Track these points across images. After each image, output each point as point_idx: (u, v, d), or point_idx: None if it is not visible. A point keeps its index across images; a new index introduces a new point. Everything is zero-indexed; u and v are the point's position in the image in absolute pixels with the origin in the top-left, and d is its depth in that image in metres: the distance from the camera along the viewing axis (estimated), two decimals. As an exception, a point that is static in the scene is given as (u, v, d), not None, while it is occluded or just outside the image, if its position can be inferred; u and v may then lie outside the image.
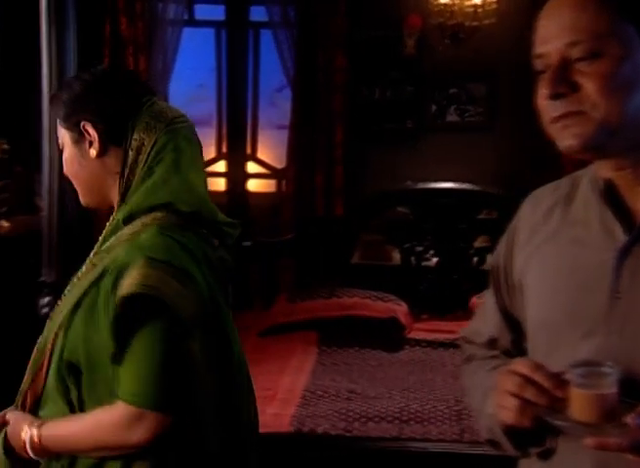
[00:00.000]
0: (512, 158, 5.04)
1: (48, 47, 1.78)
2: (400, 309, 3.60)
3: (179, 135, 1.53)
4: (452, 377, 3.11)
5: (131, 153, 1.48)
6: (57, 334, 1.46)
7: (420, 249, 3.99)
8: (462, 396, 2.85)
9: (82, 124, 1.49)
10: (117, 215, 1.49)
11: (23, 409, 1.51)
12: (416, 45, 5.03)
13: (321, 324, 3.58)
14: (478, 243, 4.10)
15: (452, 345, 3.47)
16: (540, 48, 1.15)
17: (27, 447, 1.45)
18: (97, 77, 1.53)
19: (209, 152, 5.77)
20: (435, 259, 4.06)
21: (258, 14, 5.19)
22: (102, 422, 1.41)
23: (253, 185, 5.44)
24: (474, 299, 3.70)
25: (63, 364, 1.43)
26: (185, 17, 5.40)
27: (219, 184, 5.76)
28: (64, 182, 1.86)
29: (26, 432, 1.45)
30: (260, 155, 5.62)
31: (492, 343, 1.33)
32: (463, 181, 4.36)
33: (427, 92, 5.13)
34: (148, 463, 1.41)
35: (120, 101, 1.50)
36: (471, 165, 5.02)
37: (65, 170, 1.57)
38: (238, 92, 4.08)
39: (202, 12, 5.56)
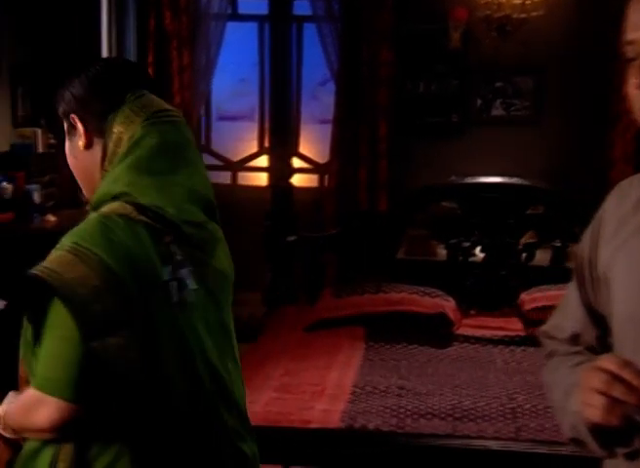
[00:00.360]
0: (559, 153, 4.97)
1: (108, 39, 1.76)
2: (448, 305, 3.55)
3: (158, 128, 1.49)
4: (503, 374, 3.06)
5: (110, 145, 1.48)
6: None
7: (467, 244, 3.93)
8: (515, 393, 2.82)
9: (71, 117, 1.53)
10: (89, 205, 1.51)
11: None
12: (461, 38, 4.97)
13: (368, 319, 3.54)
14: (526, 238, 4.04)
15: (501, 342, 3.42)
16: (630, 34, 1.10)
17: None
18: (87, 70, 1.54)
19: (251, 147, 5.78)
20: (482, 255, 3.99)
21: (301, 8, 5.16)
22: (18, 403, 1.42)
23: (294, 180, 5.43)
24: (523, 296, 3.64)
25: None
26: (229, 11, 5.41)
27: (260, 179, 5.77)
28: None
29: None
30: (302, 150, 5.61)
31: (575, 339, 1.29)
32: (508, 176, 4.28)
33: (473, 85, 5.08)
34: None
35: (104, 94, 1.51)
36: (517, 160, 4.96)
37: (68, 162, 1.60)
38: (282, 86, 4.04)
39: (245, 6, 5.55)
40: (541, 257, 4.01)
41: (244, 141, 5.81)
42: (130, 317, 1.35)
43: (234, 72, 5.72)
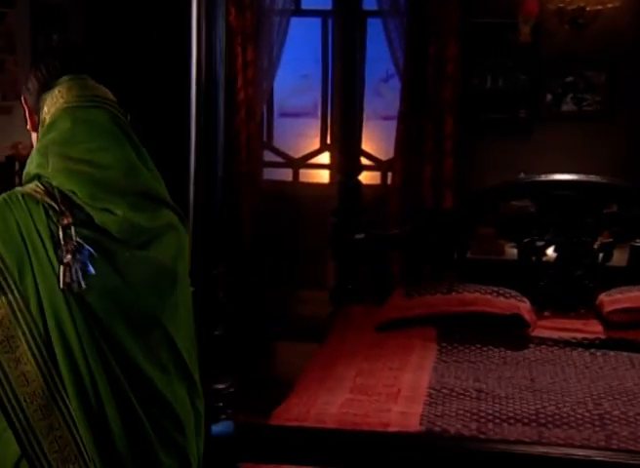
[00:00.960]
0: (633, 150, 4.81)
1: (197, 34, 1.72)
2: (523, 306, 3.45)
3: (79, 113, 1.49)
4: (585, 379, 2.96)
5: (40, 128, 1.53)
6: None
7: (540, 243, 3.82)
8: (601, 399, 2.72)
9: (22, 97, 1.59)
10: None
11: None
12: (531, 32, 4.84)
13: (440, 319, 3.47)
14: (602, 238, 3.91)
15: (580, 345, 3.31)
16: None
17: None
18: (40, 52, 1.58)
19: (312, 144, 5.72)
20: (553, 255, 3.88)
21: (366, 2, 5.09)
22: None
23: (356, 177, 5.37)
24: (602, 297, 3.52)
25: None
26: (292, 6, 5.36)
27: (322, 176, 5.71)
28: (212, 173, 1.80)
29: None
30: (364, 146, 5.53)
31: None
32: (578, 174, 4.15)
33: (542, 80, 4.94)
34: None
35: (39, 74, 1.54)
36: (588, 157, 4.81)
37: None
38: (350, 81, 3.98)
39: (309, 1, 5.50)
40: (618, 258, 3.89)
41: (306, 138, 5.76)
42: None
43: (296, 68, 5.67)
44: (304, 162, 5.72)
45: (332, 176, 5.58)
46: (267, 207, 5.50)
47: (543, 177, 3.74)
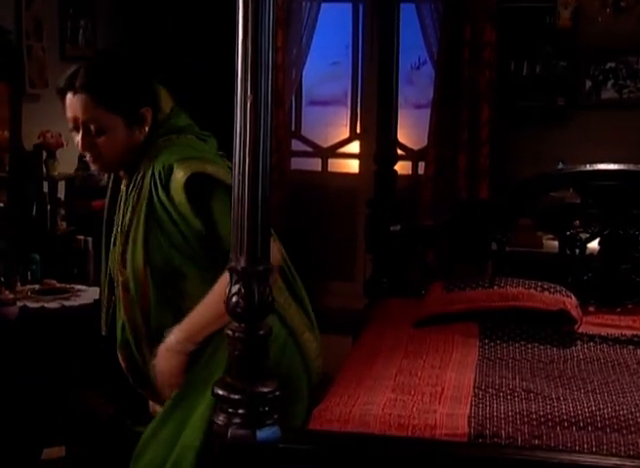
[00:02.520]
0: (677, 138, 4.65)
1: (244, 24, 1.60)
2: (569, 301, 3.30)
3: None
4: None
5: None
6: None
7: (585, 236, 3.66)
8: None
9: (143, 110, 2.01)
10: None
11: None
12: (571, 16, 4.67)
13: (482, 315, 3.32)
14: None
15: (630, 342, 3.15)
16: None
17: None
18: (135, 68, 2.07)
19: (342, 133, 5.59)
20: (597, 248, 3.72)
21: (398, -13, 4.93)
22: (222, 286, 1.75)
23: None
24: (653, 292, 3.37)
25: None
26: (323, -8, 5.22)
27: (351, 166, 5.58)
28: (257, 164, 1.67)
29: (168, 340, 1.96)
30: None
31: None
32: (620, 164, 3.99)
33: (581, 66, 4.78)
34: None
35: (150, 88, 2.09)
36: (629, 146, 4.65)
37: (106, 149, 2.00)
38: (388, 68, 3.84)
39: (340, -14, 5.36)
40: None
41: (335, 127, 5.63)
42: None
43: (326, 55, 5.54)
44: (334, 151, 5.60)
45: (361, 166, 5.46)
46: (296, 197, 5.39)
47: (588, 167, 3.58)
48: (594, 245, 3.71)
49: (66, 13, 4.35)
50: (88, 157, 2.05)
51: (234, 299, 1.70)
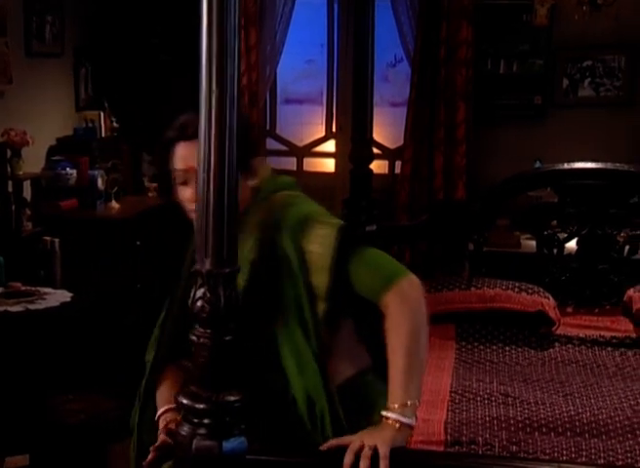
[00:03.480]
0: (653, 136, 4.62)
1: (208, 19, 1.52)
2: (547, 302, 3.24)
3: None
4: (619, 381, 2.75)
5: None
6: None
7: (563, 236, 3.61)
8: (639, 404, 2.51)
9: (256, 160, 1.90)
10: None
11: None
12: (548, 14, 4.63)
13: (459, 316, 3.26)
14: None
15: (609, 344, 3.10)
16: None
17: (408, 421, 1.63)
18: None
19: (317, 131, 5.51)
20: (574, 247, 3.67)
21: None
22: (397, 322, 1.68)
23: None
24: (631, 293, 3.31)
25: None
26: (297, -11, 5.14)
27: (327, 165, 5.50)
28: (223, 161, 1.59)
29: (393, 418, 1.62)
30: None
31: None
32: (603, 162, 3.94)
33: (558, 65, 4.73)
34: None
35: None
36: (606, 144, 4.61)
37: None
38: (363, 66, 3.76)
39: (314, -17, 5.28)
40: None
41: (310, 126, 5.55)
42: None
43: (300, 53, 5.45)
44: (309, 150, 5.52)
45: (337, 165, 5.38)
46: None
47: (566, 166, 3.52)
48: (572, 245, 3.66)
49: (32, 8, 4.21)
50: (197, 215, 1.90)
51: (199, 304, 1.60)
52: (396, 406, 1.64)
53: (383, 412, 1.65)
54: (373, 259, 1.79)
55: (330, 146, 5.48)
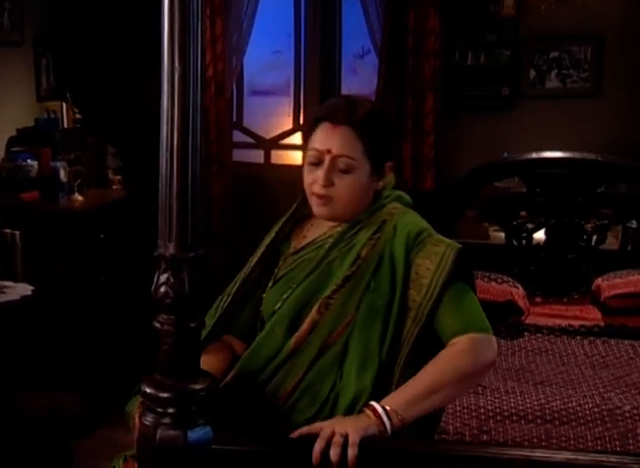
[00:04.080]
0: (620, 127, 4.62)
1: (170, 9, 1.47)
2: (517, 292, 3.23)
3: None
4: (588, 369, 2.75)
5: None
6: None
7: (531, 226, 3.60)
8: (609, 392, 2.50)
9: (387, 165, 1.88)
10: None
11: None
12: (515, 4, 4.62)
13: (428, 307, 3.23)
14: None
15: (578, 333, 3.10)
16: None
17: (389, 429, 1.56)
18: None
19: (285, 123, 5.45)
20: (543, 238, 3.67)
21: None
22: (456, 356, 1.63)
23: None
24: (599, 282, 3.31)
25: None
26: (263, -23, 5.07)
27: (295, 158, 5.45)
28: (186, 140, 1.54)
29: (378, 413, 1.57)
30: (339, 126, 5.28)
31: None
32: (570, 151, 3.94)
33: (525, 56, 4.73)
34: None
35: None
36: (573, 135, 4.62)
37: (343, 191, 1.80)
38: (331, 57, 3.72)
39: (281, -27, 5.22)
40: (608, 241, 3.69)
41: (278, 117, 5.49)
42: None
43: (267, 44, 5.39)
44: (276, 143, 5.46)
45: (305, 158, 5.33)
46: (238, 190, 5.24)
47: (534, 155, 3.51)
48: (541, 235, 3.65)
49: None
50: (319, 199, 1.83)
51: (162, 289, 1.55)
52: (388, 407, 1.58)
53: (373, 403, 1.60)
54: (468, 301, 1.72)
55: (297, 139, 5.42)
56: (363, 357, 1.71)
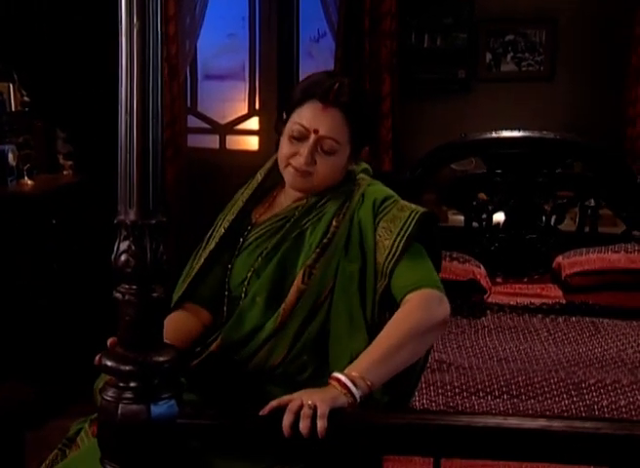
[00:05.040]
0: (574, 110, 4.65)
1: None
2: (479, 271, 3.21)
3: None
4: (551, 346, 2.75)
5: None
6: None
7: (491, 206, 3.59)
8: (573, 367, 2.50)
9: (365, 149, 1.93)
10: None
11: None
12: (471, -14, 4.62)
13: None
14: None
15: (539, 310, 3.10)
16: None
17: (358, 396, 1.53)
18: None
19: (240, 108, 5.37)
20: (502, 219, 3.66)
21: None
22: (410, 314, 1.64)
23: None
24: (560, 260, 3.32)
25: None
26: (216, -41, 4.98)
27: (250, 143, 5.38)
28: (146, 100, 1.47)
29: (342, 382, 1.54)
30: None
31: None
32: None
33: (481, 39, 4.73)
34: None
35: None
36: (529, 118, 4.62)
37: (324, 171, 1.80)
38: (287, 40, 3.66)
39: (234, -47, 5.13)
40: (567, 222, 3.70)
41: (232, 102, 5.41)
42: None
43: (221, 27, 5.29)
44: (232, 128, 5.37)
45: (261, 143, 5.26)
46: (193, 176, 5.14)
47: (494, 135, 3.51)
48: (500, 216, 3.65)
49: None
50: (297, 172, 1.81)
51: (123, 258, 1.48)
52: (354, 374, 1.56)
53: (336, 374, 1.57)
54: (422, 261, 1.74)
55: (253, 124, 5.35)
56: (349, 322, 1.72)
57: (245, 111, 5.34)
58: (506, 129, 3.92)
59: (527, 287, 3.37)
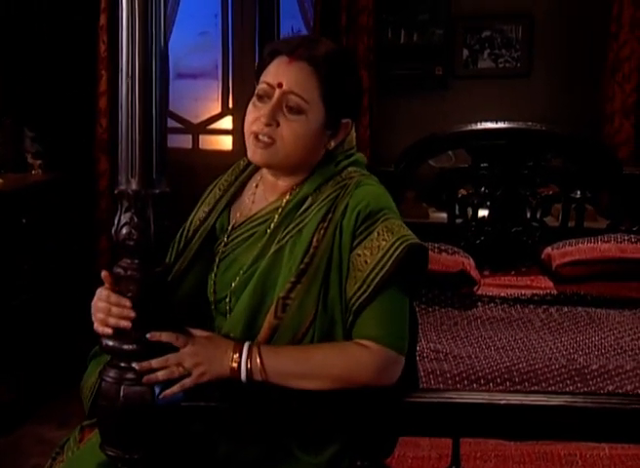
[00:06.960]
0: (551, 106, 4.63)
1: None
2: (468, 262, 3.16)
3: None
4: (547, 334, 2.69)
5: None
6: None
7: (475, 200, 3.54)
8: (572, 354, 2.45)
9: (345, 121, 1.62)
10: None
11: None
12: (447, -18, 4.59)
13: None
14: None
15: (531, 301, 3.04)
16: None
17: (243, 367, 1.45)
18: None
19: (213, 108, 5.28)
20: (486, 213, 3.61)
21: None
22: (358, 364, 1.47)
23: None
24: (550, 251, 3.27)
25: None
26: (188, -45, 4.89)
27: (224, 143, 5.28)
28: (149, 63, 1.39)
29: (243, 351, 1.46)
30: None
31: None
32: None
33: (458, 35, 4.69)
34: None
35: None
36: (506, 114, 4.59)
37: (289, 133, 1.57)
38: (263, 38, 3.56)
39: (206, -50, 5.05)
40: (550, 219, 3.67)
41: (205, 101, 5.31)
42: None
43: (193, 25, 5.20)
44: (205, 127, 5.27)
45: (235, 143, 5.17)
46: (165, 177, 5.03)
47: (479, 126, 3.46)
48: (484, 211, 3.60)
49: None
50: (257, 140, 1.59)
51: (124, 231, 1.40)
52: (262, 347, 1.47)
53: (247, 343, 1.48)
54: (397, 312, 1.50)
55: (227, 123, 5.25)
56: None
57: (218, 110, 5.25)
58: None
59: (516, 278, 3.32)
